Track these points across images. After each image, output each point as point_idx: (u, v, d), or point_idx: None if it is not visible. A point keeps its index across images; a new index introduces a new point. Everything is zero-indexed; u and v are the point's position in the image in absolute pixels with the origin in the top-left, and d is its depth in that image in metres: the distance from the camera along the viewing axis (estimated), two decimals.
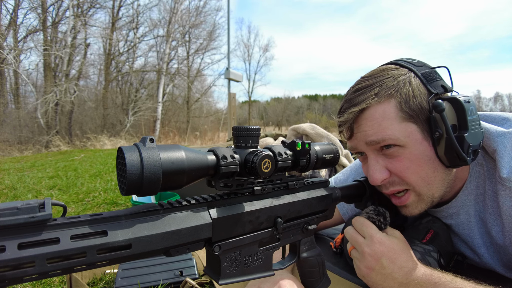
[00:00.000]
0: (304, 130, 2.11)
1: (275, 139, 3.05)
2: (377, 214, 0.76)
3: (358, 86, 0.78)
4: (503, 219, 0.74)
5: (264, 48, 27.17)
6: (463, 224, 0.86)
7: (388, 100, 0.73)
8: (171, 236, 0.46)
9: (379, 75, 0.77)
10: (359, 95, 0.76)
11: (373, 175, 0.77)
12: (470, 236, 0.86)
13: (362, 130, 0.76)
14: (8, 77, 12.65)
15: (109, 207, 2.58)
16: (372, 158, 0.78)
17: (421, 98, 0.73)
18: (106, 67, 15.09)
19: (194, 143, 13.32)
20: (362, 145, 0.78)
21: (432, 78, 0.75)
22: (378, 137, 0.73)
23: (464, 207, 0.83)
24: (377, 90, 0.74)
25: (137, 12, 15.51)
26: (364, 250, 0.71)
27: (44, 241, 0.37)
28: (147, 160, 0.42)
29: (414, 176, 0.75)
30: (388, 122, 0.73)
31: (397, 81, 0.74)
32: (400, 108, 0.73)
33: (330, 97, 43.09)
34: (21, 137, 11.97)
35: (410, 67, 0.77)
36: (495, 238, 0.79)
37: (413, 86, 0.74)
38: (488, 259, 0.85)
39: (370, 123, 0.74)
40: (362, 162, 0.86)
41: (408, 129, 0.73)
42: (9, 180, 3.79)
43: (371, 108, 0.75)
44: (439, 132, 0.71)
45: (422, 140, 0.73)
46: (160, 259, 1.27)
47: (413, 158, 0.73)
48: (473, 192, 0.81)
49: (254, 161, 0.53)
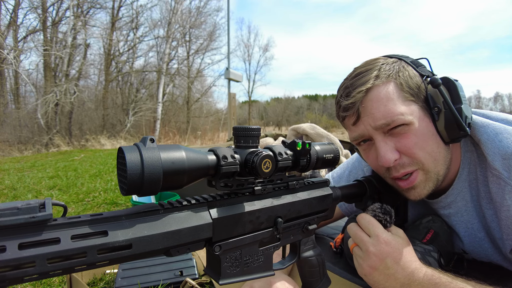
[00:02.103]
0: (304, 130, 2.11)
1: (275, 139, 3.05)
2: (384, 212, 0.75)
3: (356, 72, 0.82)
4: (493, 203, 0.78)
5: (264, 48, 27.26)
6: (461, 211, 0.87)
7: (388, 81, 0.77)
8: (171, 236, 0.46)
9: (373, 63, 0.82)
10: (360, 78, 0.79)
11: (385, 156, 0.77)
12: (470, 222, 0.87)
13: (369, 113, 0.77)
14: (8, 77, 12.66)
15: (109, 207, 2.58)
16: (380, 140, 0.78)
17: (417, 79, 0.79)
18: (106, 67, 15.09)
19: (194, 143, 13.32)
20: (369, 130, 0.79)
21: (419, 65, 0.83)
22: (387, 120, 0.75)
23: (460, 194, 0.85)
24: (377, 73, 0.78)
25: (137, 12, 15.52)
26: (369, 250, 0.71)
27: (44, 241, 0.37)
28: (147, 160, 0.42)
29: (422, 152, 0.77)
30: (393, 102, 0.75)
31: (392, 66, 0.80)
32: (401, 88, 0.77)
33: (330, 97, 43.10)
34: (21, 137, 11.97)
35: (398, 57, 0.84)
36: (489, 221, 0.82)
37: (407, 69, 0.80)
38: (487, 243, 0.86)
39: (376, 104, 0.76)
40: (365, 151, 0.86)
41: (410, 107, 0.76)
42: (9, 180, 3.79)
43: (374, 89, 0.77)
44: (437, 107, 0.76)
45: (423, 117, 0.78)
46: (160, 259, 1.27)
47: (419, 134, 0.76)
48: (466, 178, 0.84)
49: (255, 161, 0.53)
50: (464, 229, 0.89)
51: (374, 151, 0.82)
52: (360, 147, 0.87)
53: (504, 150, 0.72)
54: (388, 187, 0.88)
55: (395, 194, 0.89)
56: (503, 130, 0.75)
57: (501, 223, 0.77)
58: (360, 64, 0.86)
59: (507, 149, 0.72)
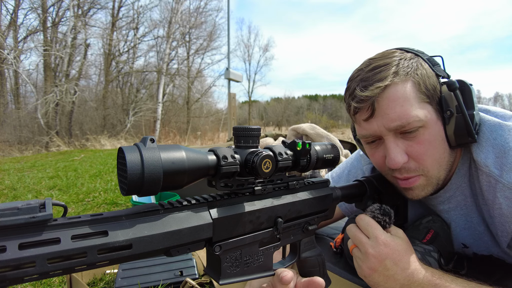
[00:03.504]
0: (304, 130, 2.11)
1: (275, 139, 3.05)
2: (383, 213, 0.74)
3: (374, 65, 0.76)
4: (486, 201, 0.78)
5: (264, 48, 27.26)
6: (460, 205, 0.87)
7: (407, 80, 0.74)
8: (171, 236, 0.46)
9: (391, 56, 0.77)
10: (378, 72, 0.74)
11: (395, 158, 0.76)
12: (469, 216, 0.87)
13: (384, 113, 0.74)
14: (8, 77, 12.66)
15: (109, 207, 2.58)
16: (392, 141, 0.76)
17: (433, 79, 0.76)
18: (106, 67, 15.09)
19: (194, 143, 13.32)
20: (382, 130, 0.76)
21: (435, 63, 0.79)
22: (402, 121, 0.72)
23: (459, 189, 0.85)
24: (395, 69, 0.74)
25: (137, 12, 15.53)
26: (368, 251, 0.70)
27: (44, 241, 0.37)
28: (147, 160, 0.42)
29: (430, 159, 0.76)
30: (410, 103, 0.72)
31: (410, 62, 0.76)
32: (419, 88, 0.74)
33: (330, 97, 43.12)
34: (21, 137, 11.98)
35: (415, 52, 0.80)
36: (486, 217, 0.82)
37: (425, 68, 0.76)
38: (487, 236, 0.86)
39: (393, 104, 0.73)
40: (372, 149, 0.84)
41: (426, 109, 0.74)
42: (9, 180, 3.79)
43: (392, 87, 0.73)
44: (450, 111, 0.74)
45: (436, 120, 0.76)
46: (160, 259, 1.27)
47: (432, 139, 0.75)
48: (466, 173, 0.83)
49: (255, 161, 0.53)
50: (463, 222, 0.89)
51: (382, 150, 0.80)
52: (368, 145, 0.85)
53: (498, 148, 0.72)
54: (388, 187, 0.88)
55: (395, 194, 0.89)
56: (498, 127, 0.74)
57: (494, 220, 0.76)
58: (376, 55, 0.82)
59: (501, 147, 0.72)
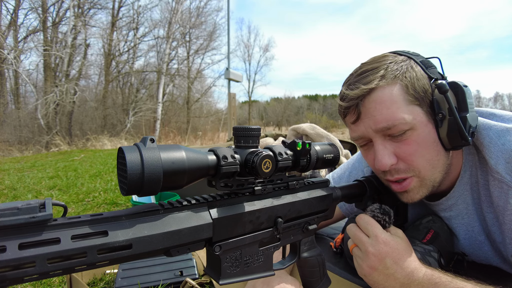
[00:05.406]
0: (304, 130, 2.11)
1: (275, 139, 3.05)
2: (382, 213, 0.75)
3: (362, 70, 0.78)
4: (494, 207, 0.77)
5: (264, 48, 27.20)
6: (462, 214, 0.86)
7: (394, 82, 0.74)
8: (171, 236, 0.46)
9: (381, 60, 0.78)
10: (365, 77, 0.76)
11: (382, 160, 0.76)
12: (470, 225, 0.87)
13: (371, 115, 0.75)
14: (8, 77, 12.65)
15: (109, 207, 2.58)
16: (379, 143, 0.77)
17: (424, 81, 0.76)
18: (106, 67, 15.09)
19: (194, 143, 13.32)
20: (369, 132, 0.77)
21: (430, 65, 0.79)
22: (388, 123, 0.73)
23: (461, 197, 0.85)
24: (383, 73, 0.75)
25: (137, 12, 15.53)
26: (368, 250, 0.70)
27: (44, 241, 0.37)
28: (147, 160, 0.42)
29: (421, 160, 0.76)
30: (396, 106, 0.73)
31: (400, 65, 0.76)
32: (407, 91, 0.74)
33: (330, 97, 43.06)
34: (21, 137, 11.97)
35: (408, 55, 0.80)
36: (490, 225, 0.81)
37: (415, 70, 0.76)
38: (487, 246, 0.86)
39: (379, 106, 0.74)
40: (365, 151, 0.85)
41: (414, 111, 0.74)
42: (9, 180, 3.79)
43: (378, 90, 0.74)
44: (442, 113, 0.74)
45: (427, 122, 0.75)
46: (160, 259, 1.27)
47: (420, 140, 0.74)
48: (468, 181, 0.83)
49: (255, 161, 0.53)
50: (464, 231, 0.89)
51: (373, 152, 0.81)
52: (361, 148, 0.86)
53: (507, 153, 0.71)
54: (388, 187, 0.88)
55: (395, 194, 0.89)
56: (506, 132, 0.73)
57: (504, 227, 0.75)
58: (368, 60, 0.83)
59: (510, 152, 0.71)
